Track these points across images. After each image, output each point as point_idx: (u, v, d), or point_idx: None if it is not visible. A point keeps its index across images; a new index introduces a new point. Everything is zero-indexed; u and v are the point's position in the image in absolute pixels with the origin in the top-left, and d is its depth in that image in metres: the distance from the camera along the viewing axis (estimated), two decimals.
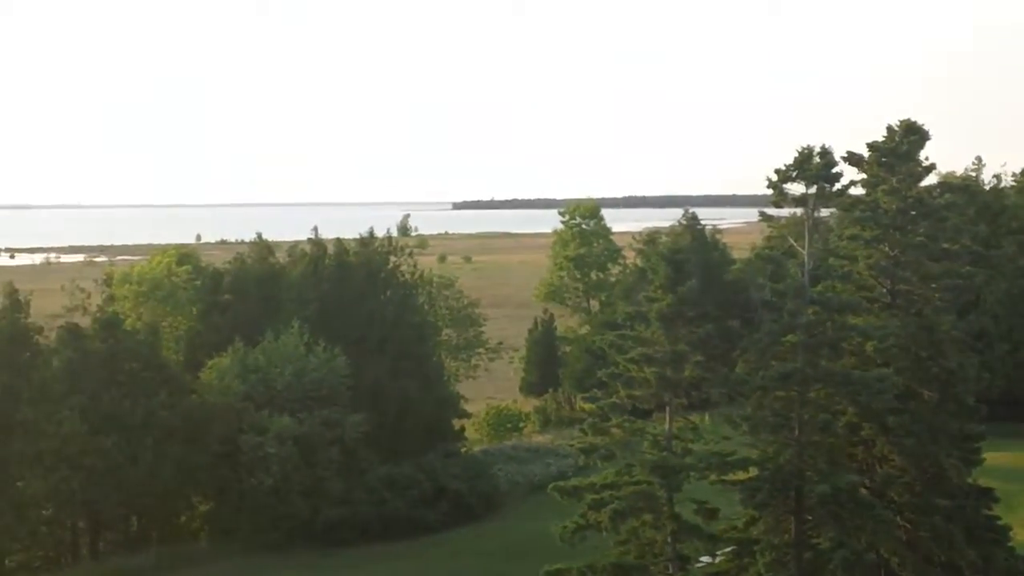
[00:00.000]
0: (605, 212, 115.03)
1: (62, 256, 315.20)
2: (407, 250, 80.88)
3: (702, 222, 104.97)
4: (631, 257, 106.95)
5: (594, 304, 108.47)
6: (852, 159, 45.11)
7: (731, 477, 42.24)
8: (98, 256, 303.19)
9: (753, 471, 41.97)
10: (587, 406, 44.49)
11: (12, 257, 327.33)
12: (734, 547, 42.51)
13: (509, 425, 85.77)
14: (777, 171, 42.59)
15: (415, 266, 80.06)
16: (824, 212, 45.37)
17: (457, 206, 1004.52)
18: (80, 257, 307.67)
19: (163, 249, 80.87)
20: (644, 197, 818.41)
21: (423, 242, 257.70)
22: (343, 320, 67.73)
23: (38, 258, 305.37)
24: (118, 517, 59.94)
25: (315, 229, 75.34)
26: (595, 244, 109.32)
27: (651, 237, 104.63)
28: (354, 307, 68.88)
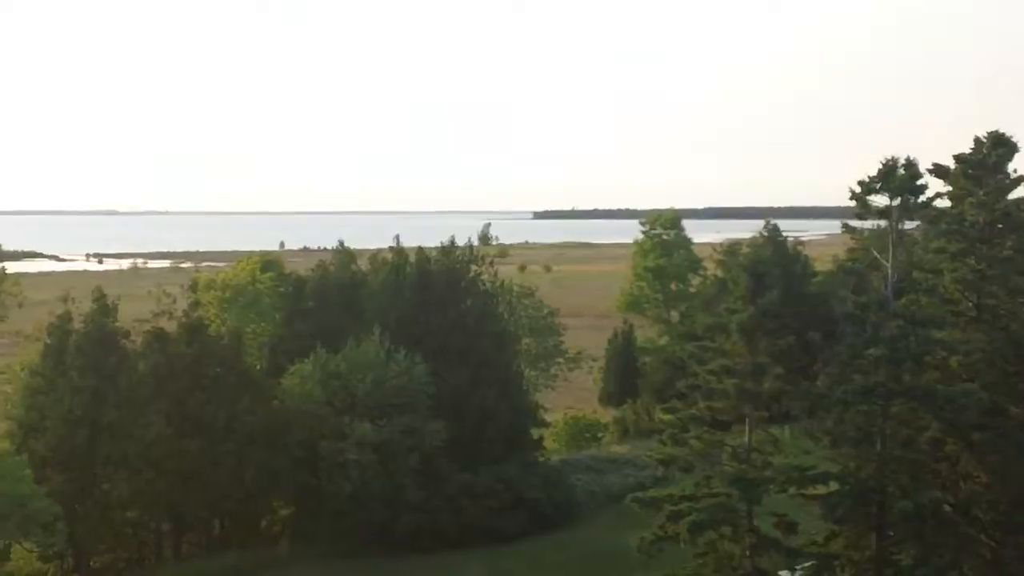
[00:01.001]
0: (686, 223, 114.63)
1: (149, 262, 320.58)
2: (488, 259, 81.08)
3: (784, 233, 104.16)
4: (711, 268, 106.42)
5: (674, 315, 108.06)
6: (938, 171, 44.66)
7: (811, 491, 41.94)
8: (184, 262, 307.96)
9: (834, 485, 41.63)
10: (666, 417, 44.37)
11: (100, 263, 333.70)
12: (813, 562, 42.15)
13: (587, 435, 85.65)
14: (861, 183, 42.28)
15: (495, 275, 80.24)
16: (909, 224, 44.91)
17: (538, 216, 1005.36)
18: (167, 263, 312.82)
19: (248, 256, 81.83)
20: (725, 208, 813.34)
21: (503, 251, 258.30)
22: (423, 328, 68.04)
23: (126, 264, 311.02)
24: (200, 520, 60.75)
25: (397, 237, 75.76)
26: (675, 255, 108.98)
27: (732, 248, 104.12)
28: (435, 315, 69.15)
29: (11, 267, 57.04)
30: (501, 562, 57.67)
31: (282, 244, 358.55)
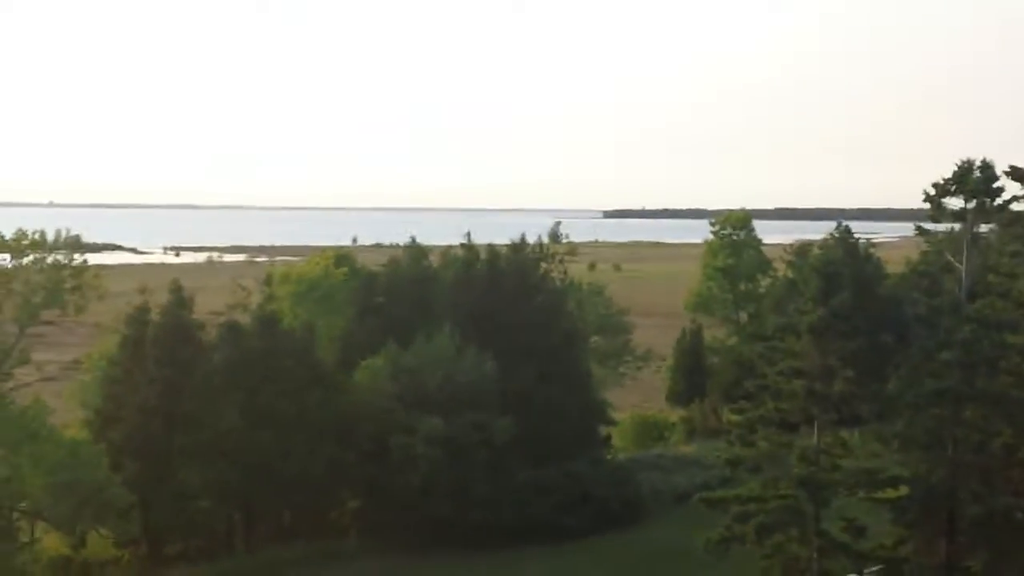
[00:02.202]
0: (756, 223, 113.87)
1: (225, 255, 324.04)
2: (557, 257, 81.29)
3: (855, 235, 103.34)
4: (781, 269, 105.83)
5: (743, 315, 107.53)
6: (1015, 174, 44.24)
7: (880, 495, 41.78)
8: (259, 256, 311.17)
9: (904, 489, 41.49)
10: (734, 417, 44.43)
11: (177, 255, 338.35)
12: (882, 566, 42.03)
13: (655, 434, 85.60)
14: (935, 185, 42.08)
15: (565, 273, 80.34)
16: (984, 228, 44.58)
17: (608, 215, 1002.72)
18: (242, 256, 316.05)
19: (321, 250, 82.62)
20: (796, 209, 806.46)
21: (573, 249, 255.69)
22: (493, 324, 68.36)
23: (202, 257, 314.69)
24: (271, 511, 61.58)
25: (468, 234, 76.18)
26: (745, 255, 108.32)
27: (803, 249, 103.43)
28: (504, 312, 69.46)
29: (92, 259, 57.66)
30: (566, 559, 57.86)
31: (355, 239, 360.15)
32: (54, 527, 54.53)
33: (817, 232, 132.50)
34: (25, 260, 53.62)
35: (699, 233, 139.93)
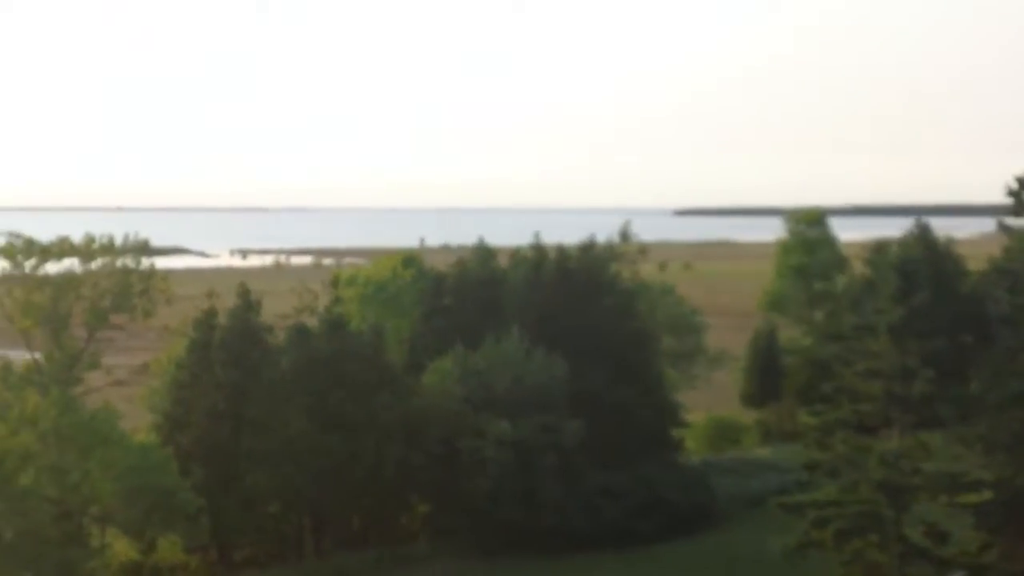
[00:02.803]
0: (831, 221, 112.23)
1: (292, 258, 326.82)
2: (627, 257, 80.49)
3: (934, 232, 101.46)
4: (858, 267, 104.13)
5: (818, 315, 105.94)
6: None
7: (963, 499, 40.73)
8: (326, 258, 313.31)
9: (987, 494, 40.37)
10: (810, 420, 43.59)
11: (244, 258, 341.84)
12: (965, 573, 40.85)
13: (729, 437, 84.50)
14: (1019, 179, 40.86)
15: (635, 273, 79.50)
16: None
17: (678, 213, 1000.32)
18: (308, 259, 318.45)
19: (388, 252, 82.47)
20: (871, 206, 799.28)
21: (643, 249, 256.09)
22: (562, 326, 67.72)
23: (269, 259, 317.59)
24: (340, 515, 61.28)
25: (536, 234, 75.67)
26: (820, 253, 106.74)
27: (880, 247, 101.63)
28: (574, 313, 68.80)
29: (159, 263, 58.11)
30: (638, 564, 57.11)
31: (422, 241, 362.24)
32: (124, 532, 54.78)
33: (895, 229, 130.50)
34: (94, 264, 54.01)
35: (772, 231, 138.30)
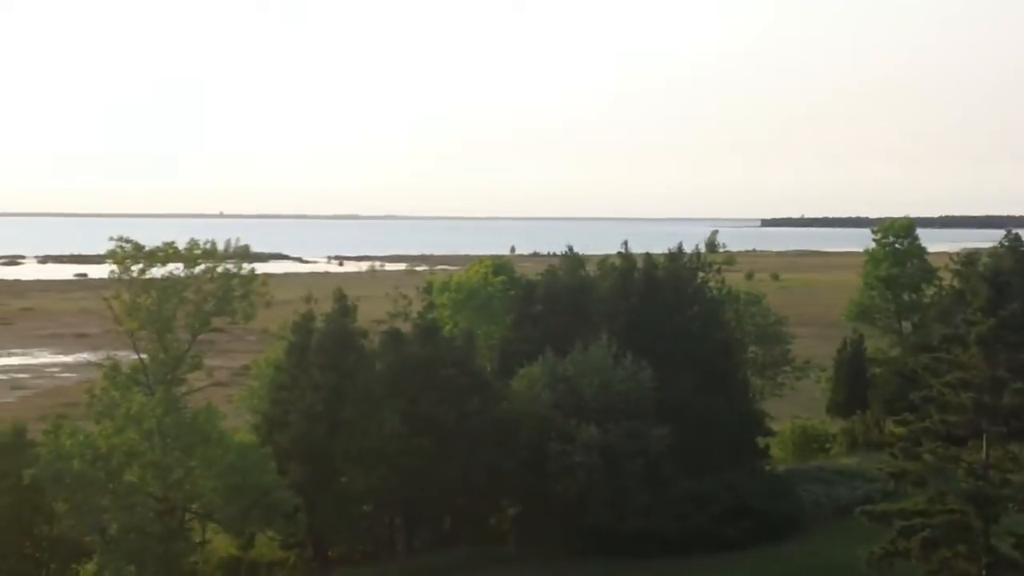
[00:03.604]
0: (920, 231, 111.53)
1: (386, 264, 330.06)
2: (715, 266, 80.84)
3: None
4: (947, 278, 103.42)
5: (906, 326, 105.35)
6: None
7: None
8: (419, 265, 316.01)
9: None
10: (898, 430, 43.87)
11: (341, 265, 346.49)
12: None
13: (815, 445, 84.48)
14: None
15: (722, 282, 79.88)
16: None
17: (766, 223, 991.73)
18: (402, 265, 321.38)
19: (480, 259, 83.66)
20: (961, 217, 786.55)
21: (731, 259, 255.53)
22: (650, 333, 68.37)
23: (364, 266, 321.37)
24: (432, 516, 62.52)
25: (625, 243, 76.36)
26: (909, 264, 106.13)
27: (970, 258, 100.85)
28: (661, 321, 69.42)
29: (259, 268, 59.42)
30: (725, 571, 57.53)
31: (513, 249, 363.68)
32: (224, 528, 56.19)
33: (985, 240, 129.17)
34: (197, 269, 55.44)
35: (860, 242, 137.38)
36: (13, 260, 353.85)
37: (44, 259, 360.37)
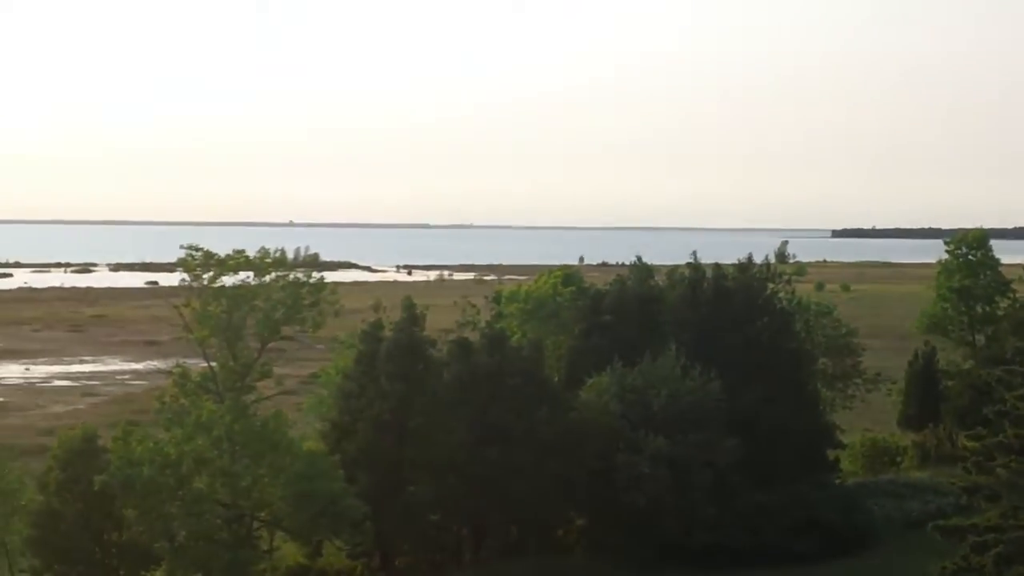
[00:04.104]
0: (994, 243, 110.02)
1: (455, 274, 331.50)
2: (785, 277, 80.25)
3: None
4: (1021, 290, 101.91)
5: (979, 338, 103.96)
6: None
7: None
8: (487, 274, 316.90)
9: None
10: (970, 444, 43.20)
11: (409, 274, 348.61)
12: None
13: (886, 458, 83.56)
14: None
15: (792, 293, 79.30)
16: None
17: (836, 234, 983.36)
18: (471, 275, 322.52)
19: (549, 270, 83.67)
20: None
21: (801, 269, 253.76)
22: (719, 344, 67.95)
23: (432, 275, 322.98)
24: (499, 526, 62.48)
25: (694, 253, 76.02)
26: (982, 276, 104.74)
27: None
28: (730, 332, 68.96)
29: (328, 277, 59.94)
30: None
31: (581, 259, 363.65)
32: (292, 536, 56.62)
33: None
34: (267, 278, 55.99)
35: (932, 253, 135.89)
36: (85, 268, 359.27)
37: (116, 267, 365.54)
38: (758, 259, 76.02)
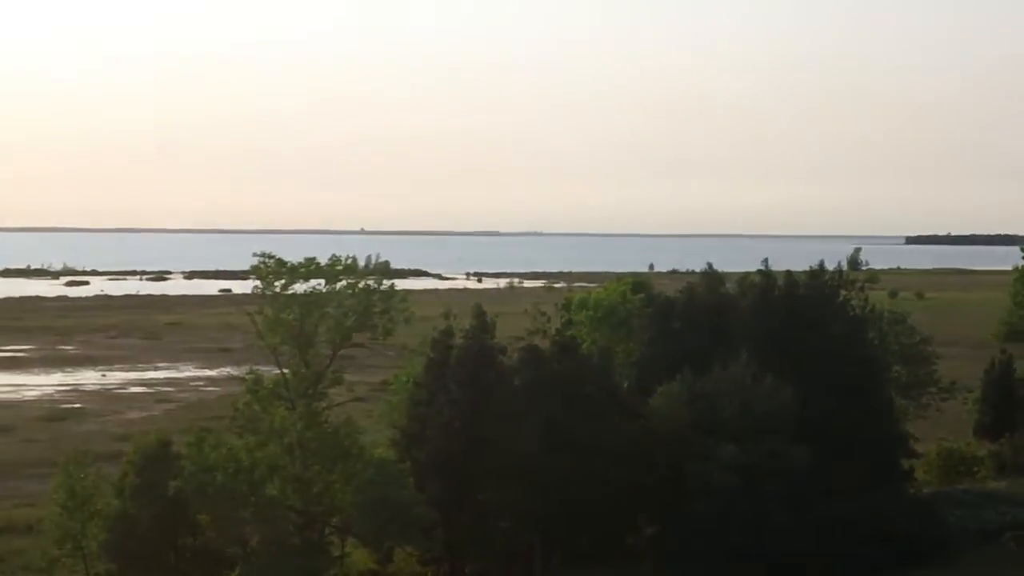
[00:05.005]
0: None
1: (524, 281, 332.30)
2: (857, 284, 79.48)
3: None
4: None
5: None
6: None
7: None
8: (557, 282, 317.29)
9: None
10: None
11: (480, 281, 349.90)
12: None
13: (961, 468, 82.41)
14: None
15: (865, 300, 78.53)
16: None
17: (910, 240, 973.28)
18: (541, 282, 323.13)
19: (619, 277, 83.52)
20: None
21: (874, 276, 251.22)
22: (790, 352, 67.38)
23: (503, 282, 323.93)
24: (568, 533, 62.31)
25: (765, 260, 75.59)
26: None
27: None
28: (802, 339, 68.41)
29: (399, 284, 60.14)
30: None
31: (651, 266, 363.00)
32: (362, 542, 56.84)
33: None
34: (338, 285, 56.27)
35: (1008, 260, 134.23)
36: (160, 276, 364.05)
37: (190, 275, 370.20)
38: (830, 266, 75.37)
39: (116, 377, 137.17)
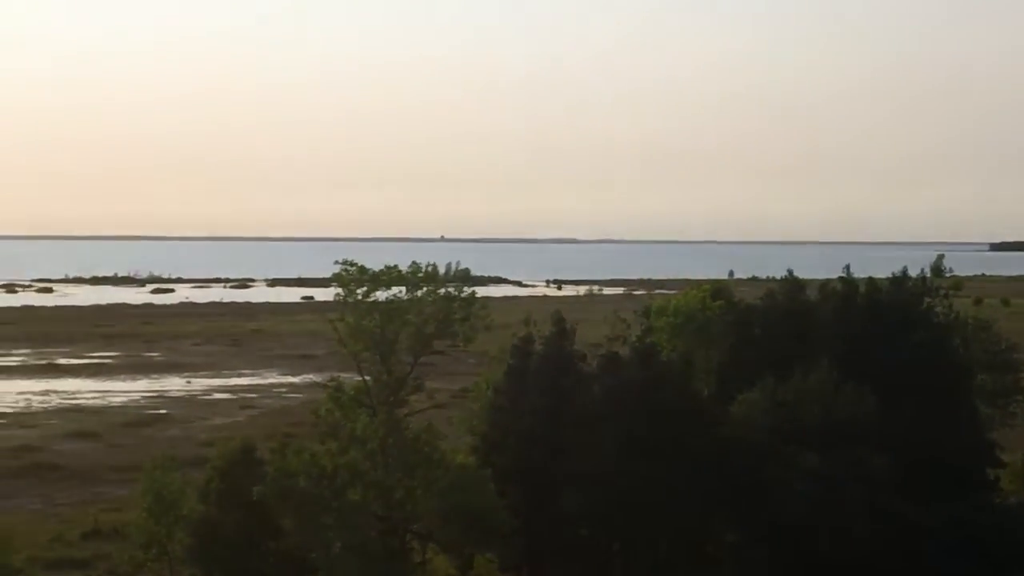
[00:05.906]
0: None
1: (604, 288, 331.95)
2: (941, 291, 78.52)
3: None
4: None
5: None
6: None
7: None
8: (637, 289, 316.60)
9: None
10: None
11: (559, 288, 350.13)
12: None
13: None
14: None
15: (950, 307, 77.55)
16: None
17: (995, 247, 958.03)
18: (620, 289, 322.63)
19: (698, 283, 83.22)
20: None
21: (958, 283, 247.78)
22: (872, 359, 66.82)
23: (582, 290, 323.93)
24: (648, 540, 62.25)
25: (847, 267, 75.00)
26: None
27: None
28: (884, 347, 67.79)
29: (479, 291, 60.47)
30: None
31: (731, 273, 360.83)
32: (443, 549, 57.20)
33: None
34: (419, 292, 56.71)
35: None
36: (244, 283, 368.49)
37: (273, 282, 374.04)
38: (913, 273, 74.58)
39: (201, 383, 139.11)
